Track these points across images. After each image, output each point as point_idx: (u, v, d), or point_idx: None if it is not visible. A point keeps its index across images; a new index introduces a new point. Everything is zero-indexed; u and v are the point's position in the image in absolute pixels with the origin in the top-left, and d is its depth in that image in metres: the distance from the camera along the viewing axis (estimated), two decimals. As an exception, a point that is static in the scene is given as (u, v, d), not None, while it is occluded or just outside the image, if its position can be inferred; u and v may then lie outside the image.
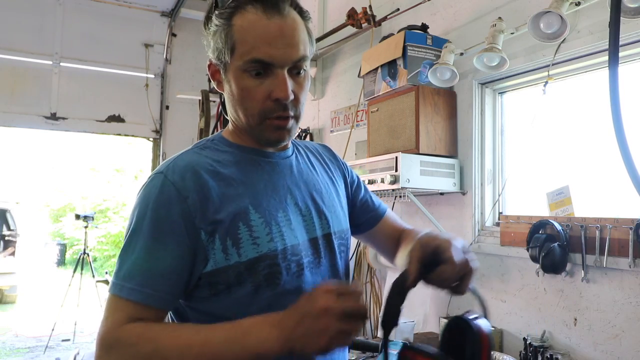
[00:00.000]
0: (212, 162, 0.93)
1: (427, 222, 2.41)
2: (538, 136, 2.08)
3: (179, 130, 4.86)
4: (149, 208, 0.86)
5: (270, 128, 0.93)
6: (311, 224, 0.98)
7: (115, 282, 0.85)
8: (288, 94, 0.89)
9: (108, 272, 5.37)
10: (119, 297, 0.84)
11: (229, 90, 0.94)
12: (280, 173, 0.99)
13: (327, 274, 0.99)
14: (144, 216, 0.86)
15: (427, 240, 0.84)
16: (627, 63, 1.75)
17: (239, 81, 0.91)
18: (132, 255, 0.85)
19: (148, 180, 0.91)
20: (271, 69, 0.89)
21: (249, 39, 0.88)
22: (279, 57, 0.88)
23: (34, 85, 4.36)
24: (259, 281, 0.88)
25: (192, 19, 4.69)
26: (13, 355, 5.45)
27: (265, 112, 0.91)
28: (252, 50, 0.88)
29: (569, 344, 1.79)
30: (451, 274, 0.81)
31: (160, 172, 0.90)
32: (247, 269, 0.87)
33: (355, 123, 3.08)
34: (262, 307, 0.87)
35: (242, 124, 0.95)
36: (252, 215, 0.90)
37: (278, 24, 0.88)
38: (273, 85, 0.89)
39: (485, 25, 2.07)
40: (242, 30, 0.88)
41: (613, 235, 1.63)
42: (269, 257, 0.89)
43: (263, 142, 0.97)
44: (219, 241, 0.87)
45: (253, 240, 0.88)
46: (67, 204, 14.41)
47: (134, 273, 0.84)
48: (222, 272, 0.87)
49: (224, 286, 0.88)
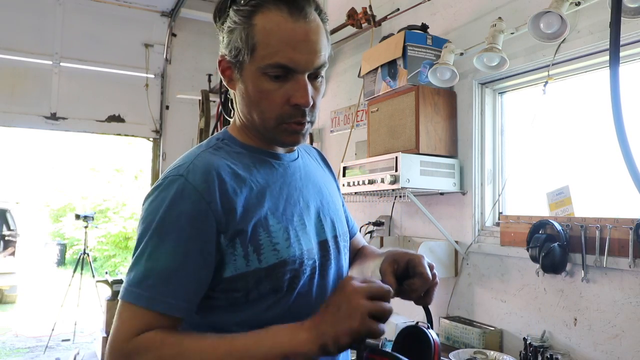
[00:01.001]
0: (230, 165, 0.90)
1: (427, 222, 2.41)
2: (538, 136, 2.07)
3: (179, 130, 4.86)
4: (168, 211, 0.82)
5: (286, 132, 0.91)
6: (320, 226, 0.98)
7: (129, 289, 0.81)
8: (309, 100, 0.87)
9: (108, 272, 5.35)
10: (135, 305, 0.80)
11: (244, 90, 0.90)
12: (292, 176, 0.98)
13: (335, 275, 0.99)
14: (164, 219, 0.82)
15: (398, 255, 0.93)
16: (628, 63, 1.75)
17: (256, 83, 0.88)
18: (150, 261, 0.81)
19: (165, 183, 0.86)
20: (292, 74, 0.86)
21: (273, 42, 0.84)
22: (302, 63, 0.86)
23: (34, 85, 4.36)
24: (279, 286, 0.87)
25: (192, 19, 4.70)
26: (13, 355, 5.45)
27: (283, 116, 0.89)
28: (275, 54, 0.85)
29: (569, 344, 1.79)
30: (422, 286, 0.90)
31: (180, 175, 0.85)
32: (267, 275, 0.86)
33: (355, 123, 3.08)
34: (278, 313, 0.87)
35: (255, 124, 0.93)
36: (271, 220, 0.88)
37: (304, 28, 0.85)
38: (293, 91, 0.87)
39: (485, 25, 2.07)
40: (265, 32, 0.85)
41: (613, 235, 1.63)
42: (288, 262, 0.88)
43: (276, 143, 0.95)
44: (241, 247, 0.84)
45: (273, 246, 0.87)
46: (67, 204, 14.40)
47: (152, 281, 0.80)
48: (241, 278, 0.85)
49: (242, 293, 0.86)
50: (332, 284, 0.97)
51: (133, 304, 0.80)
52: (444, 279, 2.31)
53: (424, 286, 0.90)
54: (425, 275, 0.89)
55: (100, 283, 4.98)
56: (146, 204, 0.87)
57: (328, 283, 0.96)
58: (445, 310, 2.30)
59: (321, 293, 0.94)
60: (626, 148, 0.82)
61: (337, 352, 0.77)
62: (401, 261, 0.91)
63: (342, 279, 0.99)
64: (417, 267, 0.90)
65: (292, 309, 0.89)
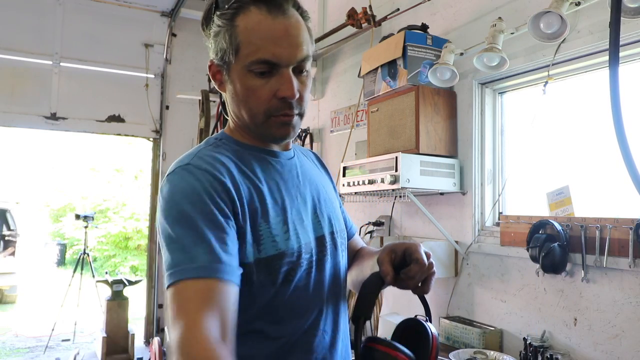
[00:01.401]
0: (231, 157, 0.93)
1: (427, 222, 2.41)
2: (538, 136, 2.07)
3: (179, 130, 4.86)
4: (186, 196, 0.84)
5: (275, 124, 0.94)
6: (317, 222, 1.01)
7: (175, 270, 0.78)
8: (294, 92, 0.90)
9: (108, 272, 5.35)
10: (187, 280, 0.77)
11: (232, 90, 0.94)
12: (289, 172, 1.01)
13: (332, 271, 1.01)
14: (184, 205, 0.83)
15: (396, 245, 0.95)
16: (627, 63, 1.75)
17: (243, 81, 0.91)
18: (183, 241, 0.80)
19: (173, 174, 0.88)
20: (276, 69, 0.90)
21: (255, 40, 0.88)
22: (285, 57, 0.89)
23: (34, 85, 4.36)
24: (276, 279, 0.90)
25: (192, 19, 4.70)
26: (13, 355, 5.45)
27: (271, 110, 0.92)
28: (258, 50, 0.88)
29: (569, 344, 1.79)
30: (419, 273, 0.91)
31: (187, 164, 0.88)
32: (265, 265, 0.89)
33: (355, 123, 3.08)
34: (274, 305, 0.90)
35: (245, 122, 0.96)
36: (271, 212, 0.91)
37: (283, 24, 0.89)
38: (278, 84, 0.90)
39: (485, 25, 2.07)
40: (247, 31, 0.89)
41: (613, 235, 1.63)
42: (287, 254, 0.90)
43: (268, 139, 0.98)
44: (242, 238, 0.87)
45: (272, 238, 0.89)
46: (67, 204, 14.39)
47: (193, 254, 0.79)
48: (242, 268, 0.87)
49: (242, 286, 0.87)
50: (328, 279, 1.00)
51: (183, 280, 0.77)
52: (444, 279, 2.31)
53: (421, 273, 0.91)
54: (422, 260, 0.91)
55: (100, 283, 4.99)
56: (162, 196, 0.87)
57: (325, 278, 0.98)
58: (445, 310, 2.30)
59: (318, 287, 0.96)
60: (626, 148, 0.82)
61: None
62: (398, 250, 0.94)
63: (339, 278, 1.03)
64: (414, 254, 0.92)
65: (288, 302, 0.91)
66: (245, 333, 0.88)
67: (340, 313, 1.04)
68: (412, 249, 0.93)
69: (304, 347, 0.94)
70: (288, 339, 0.92)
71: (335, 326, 1.01)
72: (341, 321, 1.04)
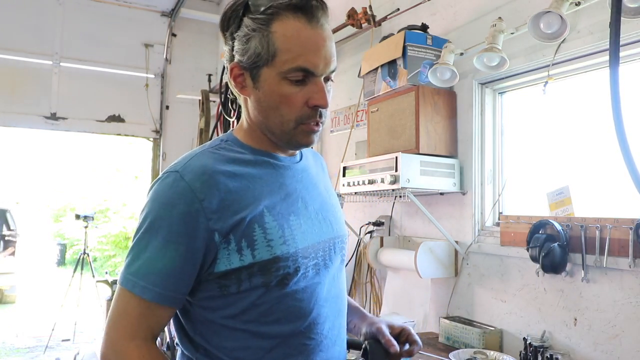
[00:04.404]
0: (228, 162, 0.93)
1: (427, 222, 2.41)
2: (538, 136, 2.07)
3: (179, 130, 4.86)
4: (162, 207, 0.88)
5: (303, 133, 0.96)
6: (319, 227, 1.01)
7: (127, 277, 0.88)
8: (327, 101, 0.94)
9: (108, 272, 5.36)
10: (132, 292, 0.87)
11: (260, 95, 0.94)
12: (292, 177, 1.01)
13: (332, 275, 1.02)
14: (157, 214, 0.88)
15: (389, 323, 1.09)
16: (627, 63, 1.75)
17: (277, 87, 0.92)
18: (145, 252, 0.87)
19: (162, 178, 0.91)
20: (310, 78, 0.92)
21: (295, 48, 0.90)
22: (320, 67, 0.92)
23: (34, 85, 4.36)
24: (270, 282, 0.90)
25: (192, 19, 4.70)
26: (13, 355, 5.45)
27: (302, 118, 0.94)
28: (297, 58, 0.90)
29: (569, 344, 1.79)
30: (417, 351, 1.07)
31: (176, 171, 0.90)
32: (259, 269, 0.89)
33: (355, 123, 3.08)
34: (269, 306, 0.91)
35: (270, 128, 0.96)
36: (267, 217, 0.91)
37: (321, 35, 0.92)
38: (312, 93, 0.92)
39: (485, 25, 2.07)
40: (285, 38, 0.89)
41: (613, 235, 1.63)
42: (281, 259, 0.91)
43: (291, 145, 0.99)
44: (234, 242, 0.88)
45: (267, 242, 0.90)
46: (67, 204, 14.40)
47: (146, 271, 0.87)
48: (234, 272, 0.89)
49: (235, 287, 0.90)
50: (328, 283, 1.00)
51: (129, 290, 0.87)
52: (444, 279, 2.32)
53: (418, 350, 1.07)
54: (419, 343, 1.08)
55: (100, 283, 4.99)
56: (147, 196, 0.93)
57: (324, 281, 0.99)
58: (445, 310, 2.30)
59: (316, 291, 0.97)
60: (626, 148, 0.82)
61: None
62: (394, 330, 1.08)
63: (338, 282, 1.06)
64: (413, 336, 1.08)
65: (284, 305, 0.92)
66: (240, 332, 0.91)
67: (339, 317, 1.04)
68: (408, 330, 1.08)
69: (299, 349, 0.94)
70: (283, 340, 0.92)
71: (333, 330, 1.01)
72: (339, 325, 1.04)
